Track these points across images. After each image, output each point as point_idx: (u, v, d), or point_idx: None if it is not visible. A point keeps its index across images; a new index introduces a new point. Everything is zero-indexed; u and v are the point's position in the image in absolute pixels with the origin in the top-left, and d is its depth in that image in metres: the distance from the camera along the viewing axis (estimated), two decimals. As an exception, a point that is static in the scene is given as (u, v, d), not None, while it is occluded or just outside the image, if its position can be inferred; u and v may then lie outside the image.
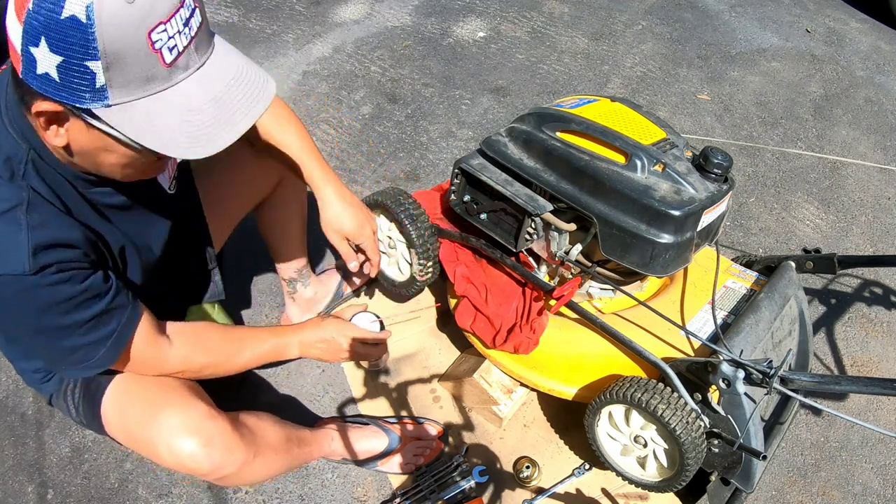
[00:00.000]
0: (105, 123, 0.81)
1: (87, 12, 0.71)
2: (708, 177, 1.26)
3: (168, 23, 0.77)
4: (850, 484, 1.66)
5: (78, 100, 0.78)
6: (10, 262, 0.85)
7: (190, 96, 0.83)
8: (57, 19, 0.72)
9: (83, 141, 0.85)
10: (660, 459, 1.30)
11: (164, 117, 0.82)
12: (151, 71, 0.79)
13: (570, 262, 1.39)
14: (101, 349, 1.00)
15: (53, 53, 0.74)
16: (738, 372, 1.15)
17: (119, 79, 0.77)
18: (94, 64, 0.75)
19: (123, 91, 0.78)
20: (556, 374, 1.40)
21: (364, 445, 1.53)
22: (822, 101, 2.91)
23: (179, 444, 1.11)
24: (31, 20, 0.73)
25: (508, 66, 2.95)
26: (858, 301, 2.08)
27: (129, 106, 0.80)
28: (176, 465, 1.13)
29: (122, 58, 0.75)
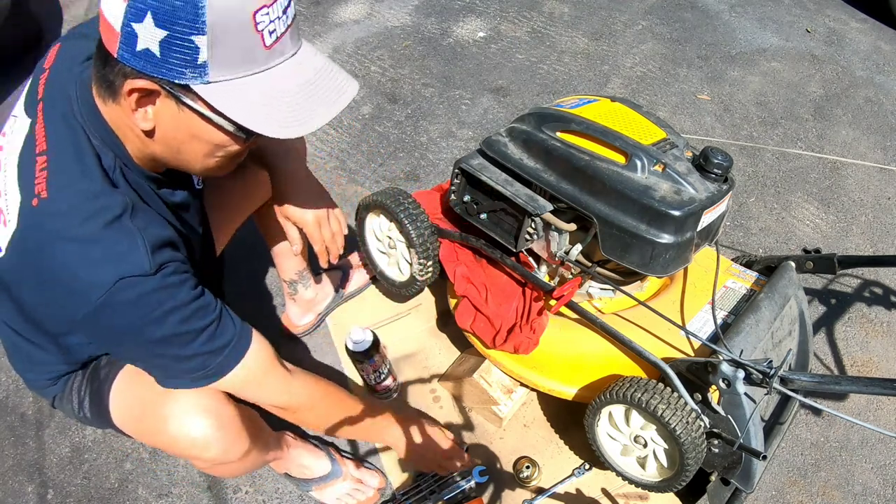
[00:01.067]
0: (201, 101, 0.82)
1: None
2: (708, 177, 1.26)
3: (271, 7, 0.79)
4: (850, 484, 1.66)
5: (177, 75, 0.78)
6: (133, 263, 0.85)
7: (285, 78, 0.85)
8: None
9: (172, 125, 0.86)
10: (660, 459, 1.30)
11: (260, 97, 0.83)
12: (252, 51, 0.80)
13: (570, 262, 1.39)
14: (218, 357, 0.99)
15: (159, 28, 0.74)
16: (738, 372, 1.15)
17: (221, 56, 0.78)
18: (200, 38, 0.76)
19: (223, 69, 0.79)
20: (556, 374, 1.40)
21: (304, 461, 1.49)
22: (823, 101, 2.91)
23: (193, 424, 1.09)
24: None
25: (508, 66, 2.95)
26: (858, 301, 2.08)
27: (228, 84, 0.81)
28: (184, 445, 1.11)
29: (227, 34, 0.77)
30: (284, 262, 1.72)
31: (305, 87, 0.87)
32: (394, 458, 1.59)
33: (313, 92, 0.88)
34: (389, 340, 1.78)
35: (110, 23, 0.77)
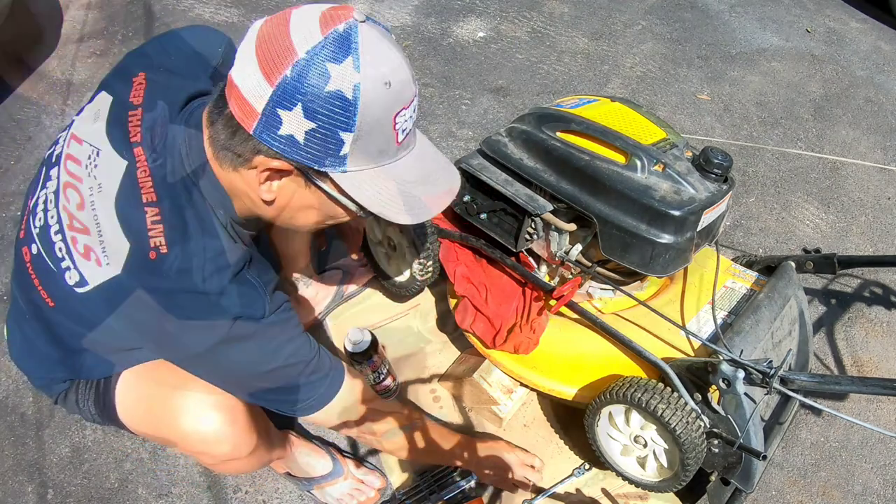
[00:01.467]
0: (334, 186, 0.86)
1: (353, 91, 0.78)
2: (708, 177, 1.26)
3: (408, 108, 0.85)
4: (851, 484, 1.66)
5: (317, 163, 0.83)
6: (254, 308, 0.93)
7: (408, 170, 0.91)
8: (320, 92, 0.77)
9: (294, 198, 0.91)
10: (660, 459, 1.30)
11: (385, 185, 0.88)
12: (387, 146, 0.86)
13: (570, 262, 1.39)
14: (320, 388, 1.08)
15: (307, 119, 0.79)
16: (738, 372, 1.15)
17: (361, 149, 0.83)
18: (346, 135, 0.81)
19: (360, 160, 0.85)
20: (556, 374, 1.40)
21: (307, 460, 1.50)
22: (822, 101, 2.91)
23: (206, 419, 1.10)
24: (287, 86, 0.77)
25: (508, 66, 2.95)
26: (858, 301, 2.08)
27: (360, 173, 0.86)
28: (195, 440, 1.11)
29: (371, 133, 0.82)
30: (287, 261, 1.72)
31: (424, 179, 0.93)
32: (394, 458, 1.59)
33: (429, 183, 0.94)
34: (389, 340, 1.77)
35: (249, 101, 0.80)
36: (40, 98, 2.71)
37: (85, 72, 2.81)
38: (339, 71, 0.77)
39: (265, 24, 0.82)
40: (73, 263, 0.94)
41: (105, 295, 0.92)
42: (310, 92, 0.77)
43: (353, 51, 0.78)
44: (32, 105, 2.67)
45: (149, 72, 1.03)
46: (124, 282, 0.90)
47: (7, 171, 2.38)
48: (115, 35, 2.98)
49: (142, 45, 1.11)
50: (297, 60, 0.76)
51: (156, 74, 1.03)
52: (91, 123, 0.99)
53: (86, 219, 0.93)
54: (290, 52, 0.77)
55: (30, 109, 2.65)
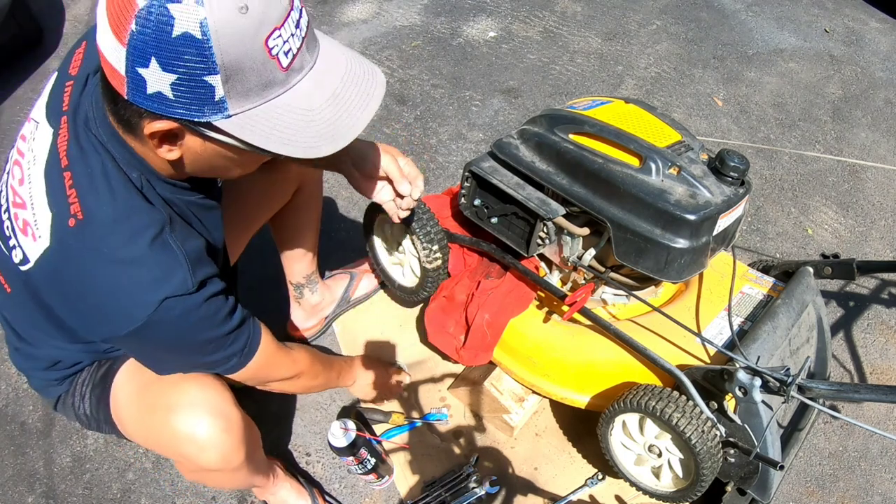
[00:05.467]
0: (225, 134, 0.80)
1: (201, 28, 0.70)
2: (724, 180, 1.24)
3: (282, 27, 0.76)
4: (870, 494, 1.62)
5: (196, 114, 0.76)
6: (177, 283, 0.87)
7: (309, 96, 0.83)
8: (168, 38, 0.70)
9: (199, 151, 0.85)
10: (675, 469, 1.27)
11: (285, 120, 0.81)
12: (270, 77, 0.78)
13: (582, 268, 1.37)
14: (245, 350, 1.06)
15: (166, 72, 0.72)
16: (754, 380, 1.12)
17: (238, 88, 0.76)
18: (213, 78, 0.74)
19: (243, 100, 0.77)
20: (568, 381, 1.38)
21: (286, 497, 1.48)
22: (841, 102, 2.86)
23: (200, 422, 1.07)
24: (136, 41, 0.71)
25: (520, 67, 2.93)
26: (878, 308, 2.04)
27: (249, 114, 0.79)
28: (183, 442, 1.08)
29: (241, 68, 0.74)
30: (293, 263, 1.71)
31: (330, 101, 0.85)
32: (403, 465, 1.57)
33: (339, 104, 0.85)
34: (399, 346, 1.76)
35: (113, 65, 0.75)
36: (42, 98, 2.72)
37: (92, 73, 2.82)
38: (181, 10, 0.69)
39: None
40: (18, 241, 0.92)
41: (42, 270, 0.89)
42: (158, 43, 0.70)
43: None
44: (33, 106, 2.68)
45: (89, 41, 1.00)
46: (53, 254, 0.87)
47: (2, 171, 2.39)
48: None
49: None
50: (139, 12, 0.70)
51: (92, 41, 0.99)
52: (40, 101, 0.99)
53: (24, 193, 0.91)
54: (131, 4, 0.70)
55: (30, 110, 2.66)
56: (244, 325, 1.03)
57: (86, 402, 1.20)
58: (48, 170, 0.89)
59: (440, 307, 1.48)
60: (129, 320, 0.87)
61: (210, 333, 0.96)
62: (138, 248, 0.86)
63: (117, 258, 0.85)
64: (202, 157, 0.86)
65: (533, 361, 1.40)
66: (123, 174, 0.89)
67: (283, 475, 1.48)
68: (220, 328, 0.97)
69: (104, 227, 0.85)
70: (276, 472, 1.45)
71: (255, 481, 1.34)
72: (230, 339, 1.01)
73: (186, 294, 0.88)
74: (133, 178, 0.89)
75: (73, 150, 0.88)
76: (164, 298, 0.86)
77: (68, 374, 1.20)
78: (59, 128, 0.91)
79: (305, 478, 1.57)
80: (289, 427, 1.68)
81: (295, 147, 0.82)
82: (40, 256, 0.88)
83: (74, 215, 0.85)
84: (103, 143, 0.88)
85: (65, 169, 0.87)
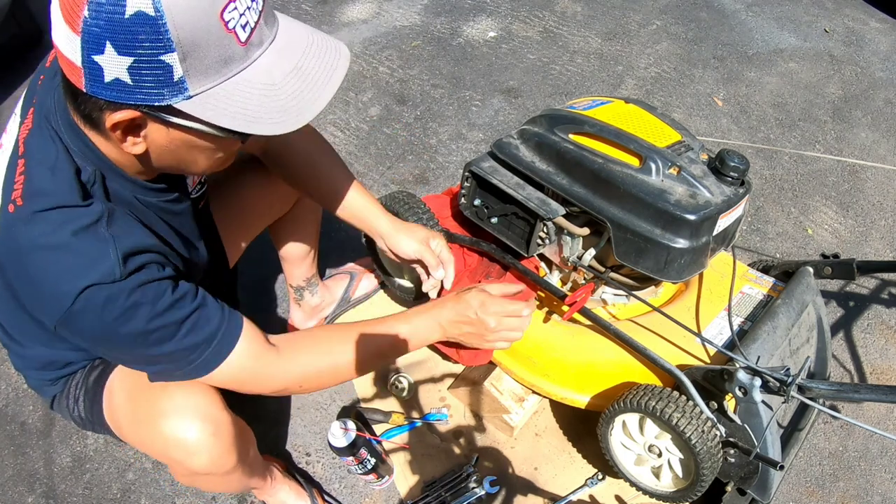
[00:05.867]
0: (187, 117, 0.78)
1: (153, 4, 0.68)
2: (724, 180, 1.24)
3: (237, 0, 0.74)
4: (869, 494, 1.62)
5: (156, 98, 0.75)
6: (101, 270, 0.83)
7: (270, 70, 0.81)
8: (121, 19, 0.68)
9: (164, 142, 0.83)
10: (675, 469, 1.27)
11: (248, 96, 0.79)
12: (228, 52, 0.76)
13: (582, 268, 1.37)
14: (205, 352, 0.95)
15: (123, 56, 0.71)
16: (754, 380, 1.12)
17: (197, 66, 0.74)
18: (170, 56, 0.72)
19: (203, 78, 0.76)
20: (568, 381, 1.38)
21: (285, 498, 1.47)
22: (841, 102, 2.86)
23: (188, 426, 1.04)
24: (89, 28, 0.69)
25: (520, 67, 2.93)
26: (878, 308, 2.04)
27: (211, 93, 0.77)
28: (172, 446, 1.05)
29: (198, 44, 0.73)
30: (293, 268, 1.70)
31: (293, 75, 0.83)
32: (403, 465, 1.57)
33: (302, 77, 0.84)
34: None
35: (69, 58, 0.73)
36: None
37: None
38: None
39: None
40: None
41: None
42: (111, 25, 0.68)
43: None
44: (19, 100, 2.68)
45: None
46: (1, 242, 0.86)
47: None
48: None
49: None
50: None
51: None
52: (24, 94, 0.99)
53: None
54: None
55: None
56: (206, 316, 0.94)
57: (80, 405, 1.19)
58: (10, 159, 0.89)
59: None
60: (56, 310, 0.83)
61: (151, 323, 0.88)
62: (65, 234, 0.82)
63: (42, 244, 0.82)
64: (168, 148, 0.84)
65: (533, 361, 1.40)
66: (73, 166, 0.86)
67: (282, 476, 1.48)
68: (164, 317, 0.89)
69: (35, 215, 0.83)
70: (273, 474, 1.44)
71: (252, 483, 1.32)
72: (183, 330, 0.91)
73: (112, 282, 0.83)
74: (85, 171, 0.87)
75: (31, 139, 0.88)
76: (86, 286, 0.82)
77: (62, 375, 1.20)
78: (25, 118, 0.91)
79: (305, 478, 1.57)
80: (289, 427, 1.67)
81: (260, 124, 0.80)
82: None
83: (14, 201, 0.84)
84: (60, 136, 0.87)
85: (20, 156, 0.87)
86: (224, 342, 0.97)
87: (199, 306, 0.94)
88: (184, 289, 0.93)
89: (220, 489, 1.26)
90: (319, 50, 0.87)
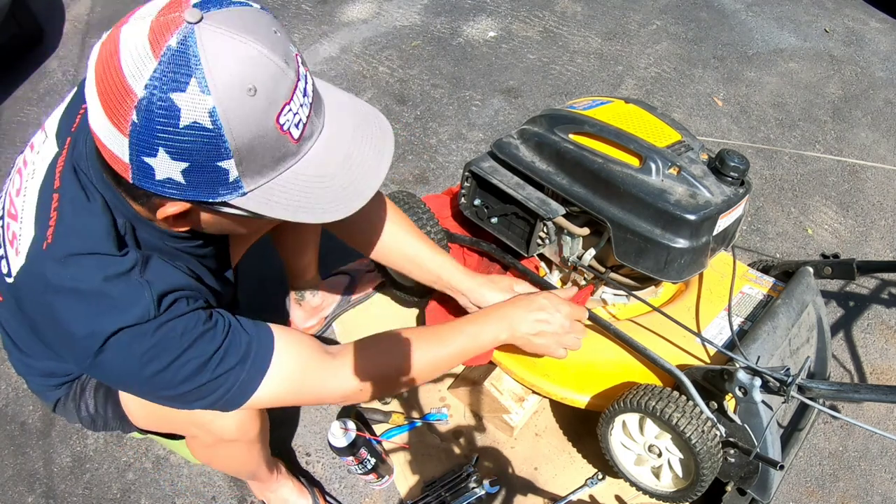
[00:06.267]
0: (239, 208, 0.78)
1: (211, 118, 0.68)
2: (724, 180, 1.24)
3: (292, 101, 0.74)
4: (870, 494, 1.62)
5: (210, 195, 0.75)
6: (136, 312, 0.81)
7: (321, 162, 0.81)
8: (175, 129, 0.68)
9: (212, 222, 0.84)
10: (675, 469, 1.27)
11: (300, 188, 0.79)
12: (283, 151, 0.76)
13: (582, 268, 1.37)
14: (241, 374, 0.91)
15: (176, 161, 0.70)
16: (754, 380, 1.12)
17: (252, 168, 0.74)
18: (226, 162, 0.72)
19: (257, 177, 0.76)
20: (568, 381, 1.37)
21: (287, 496, 1.47)
22: (841, 102, 2.86)
23: None
24: (140, 132, 0.68)
25: (520, 67, 2.93)
26: (878, 308, 2.03)
27: (264, 188, 0.77)
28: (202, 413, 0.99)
29: (254, 149, 0.73)
30: (294, 268, 1.71)
31: (344, 164, 0.83)
32: (403, 465, 1.57)
33: (353, 166, 0.84)
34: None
35: (114, 152, 0.72)
36: (40, 99, 2.72)
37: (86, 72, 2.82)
38: (187, 100, 0.67)
39: (99, 52, 0.71)
40: (5, 252, 0.89)
41: (18, 288, 0.85)
42: (165, 133, 0.68)
43: (194, 69, 0.66)
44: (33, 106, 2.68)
45: None
46: (25, 274, 0.84)
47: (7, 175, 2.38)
48: (123, 35, 2.98)
49: None
50: (139, 102, 0.67)
51: None
52: (56, 114, 0.97)
53: (19, 204, 0.89)
54: (129, 93, 0.67)
55: (30, 111, 2.66)
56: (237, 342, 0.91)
57: (90, 401, 1.19)
58: (43, 187, 0.87)
59: (440, 306, 1.48)
60: (85, 350, 0.81)
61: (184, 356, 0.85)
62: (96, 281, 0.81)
63: (72, 288, 0.80)
64: (213, 224, 0.85)
65: (533, 361, 1.39)
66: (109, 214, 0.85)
67: (286, 472, 1.49)
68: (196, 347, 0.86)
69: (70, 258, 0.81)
70: (279, 468, 1.45)
71: (262, 471, 1.32)
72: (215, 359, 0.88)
73: (146, 321, 0.82)
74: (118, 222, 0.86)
75: (67, 174, 0.86)
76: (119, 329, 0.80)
77: (66, 381, 1.20)
78: (62, 148, 0.89)
79: (306, 477, 1.57)
80: (289, 427, 1.68)
81: (311, 213, 0.80)
82: (17, 273, 0.85)
83: (46, 238, 0.82)
84: (94, 183, 0.85)
85: (55, 190, 0.85)
86: (258, 361, 0.93)
87: (230, 331, 0.91)
88: (213, 317, 0.90)
89: (236, 465, 1.24)
90: (365, 133, 0.87)
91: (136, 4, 0.71)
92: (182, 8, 0.68)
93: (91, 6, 3.21)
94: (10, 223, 0.90)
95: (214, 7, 0.69)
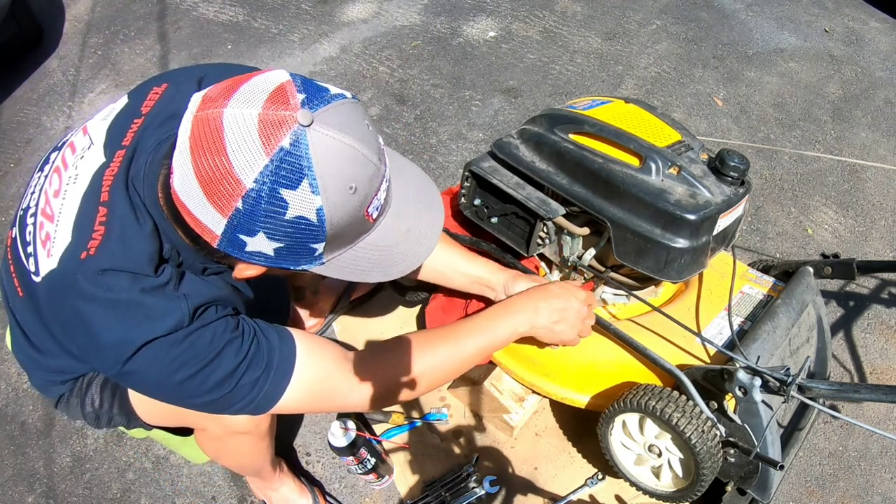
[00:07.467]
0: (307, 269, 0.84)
1: (317, 214, 0.74)
2: (724, 180, 1.24)
3: (378, 193, 0.81)
4: (870, 494, 1.62)
5: (292, 265, 0.81)
6: (170, 323, 0.84)
7: (388, 234, 0.88)
8: (280, 219, 0.73)
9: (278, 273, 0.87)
10: (675, 469, 1.27)
11: (367, 256, 0.87)
12: (362, 230, 0.84)
13: (582, 267, 1.37)
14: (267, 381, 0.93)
15: (273, 241, 0.75)
16: (754, 380, 1.12)
17: (335, 245, 0.81)
18: (318, 245, 0.78)
19: (336, 251, 0.83)
20: (568, 381, 1.37)
21: (288, 495, 1.48)
22: (841, 102, 2.86)
23: None
24: (242, 217, 0.72)
25: (520, 67, 2.92)
26: (878, 308, 2.03)
27: (340, 258, 0.85)
28: None
29: (343, 233, 0.80)
30: None
31: (406, 235, 0.91)
32: (403, 465, 1.57)
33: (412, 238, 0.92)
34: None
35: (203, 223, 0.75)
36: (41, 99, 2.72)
37: (86, 72, 2.82)
38: (297, 197, 0.71)
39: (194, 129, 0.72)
40: (35, 250, 0.90)
41: (44, 290, 0.87)
42: (269, 221, 0.73)
43: (306, 171, 0.71)
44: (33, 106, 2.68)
45: (172, 84, 0.99)
46: (55, 278, 0.85)
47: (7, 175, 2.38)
48: (117, 35, 2.99)
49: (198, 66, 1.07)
50: (247, 193, 0.70)
51: (177, 90, 0.98)
52: (101, 120, 0.98)
53: (56, 206, 0.90)
54: (237, 183, 0.70)
55: (30, 111, 2.66)
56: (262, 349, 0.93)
57: (95, 396, 1.18)
58: (86, 196, 0.88)
59: (440, 306, 1.48)
60: (115, 357, 0.83)
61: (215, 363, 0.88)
62: (133, 293, 0.83)
63: (104, 297, 0.82)
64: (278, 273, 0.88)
65: (533, 361, 1.39)
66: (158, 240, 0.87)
67: (288, 470, 1.50)
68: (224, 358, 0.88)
69: (106, 272, 0.83)
70: (282, 466, 1.46)
71: (267, 467, 1.34)
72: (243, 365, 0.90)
73: (179, 329, 0.84)
74: (164, 248, 0.88)
75: (118, 191, 0.87)
76: (153, 338, 0.83)
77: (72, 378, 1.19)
78: (112, 160, 0.90)
79: (306, 477, 1.57)
80: (289, 427, 1.68)
81: (370, 275, 0.88)
82: (46, 275, 0.86)
83: (88, 249, 0.83)
84: (146, 205, 0.87)
85: (103, 204, 0.86)
86: (281, 368, 0.94)
87: (255, 338, 0.93)
88: (240, 325, 0.92)
89: (244, 459, 1.24)
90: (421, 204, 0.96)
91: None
92: (290, 105, 0.71)
93: (91, 6, 3.21)
94: (43, 222, 0.90)
95: (320, 105, 0.73)
